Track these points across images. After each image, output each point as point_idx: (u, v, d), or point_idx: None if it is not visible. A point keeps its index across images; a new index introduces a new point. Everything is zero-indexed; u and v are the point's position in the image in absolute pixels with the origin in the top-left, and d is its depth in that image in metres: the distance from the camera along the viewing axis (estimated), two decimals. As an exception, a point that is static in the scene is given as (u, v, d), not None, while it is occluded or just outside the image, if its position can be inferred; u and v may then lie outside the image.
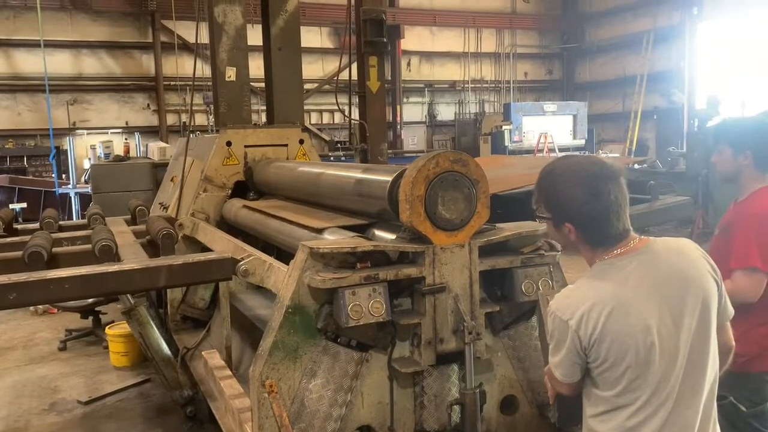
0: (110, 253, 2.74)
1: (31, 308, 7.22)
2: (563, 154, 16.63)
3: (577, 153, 13.15)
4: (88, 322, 6.12)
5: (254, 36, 5.49)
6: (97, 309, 5.96)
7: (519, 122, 17.69)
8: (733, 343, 2.05)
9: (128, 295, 3.51)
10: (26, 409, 4.58)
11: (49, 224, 3.68)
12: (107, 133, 16.47)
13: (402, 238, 2.73)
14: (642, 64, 18.91)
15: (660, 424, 1.79)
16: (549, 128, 17.65)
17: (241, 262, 2.83)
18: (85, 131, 16.62)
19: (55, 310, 7.04)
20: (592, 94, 21.44)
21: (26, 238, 3.55)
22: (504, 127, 17.22)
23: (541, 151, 16.83)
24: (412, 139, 20.61)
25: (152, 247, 3.24)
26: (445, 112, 21.71)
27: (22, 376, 5.27)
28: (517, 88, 22.27)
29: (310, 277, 2.53)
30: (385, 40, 6.66)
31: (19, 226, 4.20)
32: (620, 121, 19.77)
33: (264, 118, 6.55)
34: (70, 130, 16.29)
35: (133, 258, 2.79)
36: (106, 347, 5.65)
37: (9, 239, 3.50)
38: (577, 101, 19.86)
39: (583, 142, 18.22)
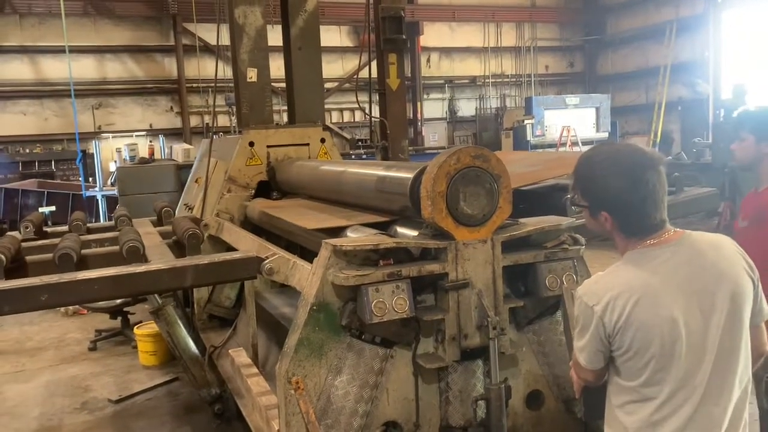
0: (138, 254, 2.79)
1: (62, 309, 7.37)
2: (586, 147, 16.52)
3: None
4: (117, 323, 6.22)
5: (274, 37, 5.54)
6: (125, 309, 6.06)
7: (541, 116, 17.53)
8: (767, 348, 1.98)
9: (156, 295, 3.57)
10: (59, 408, 4.69)
11: (77, 227, 3.76)
12: (132, 136, 16.69)
13: (424, 235, 2.74)
14: (665, 54, 18.64)
15: (685, 419, 1.78)
16: (571, 121, 17.46)
17: (266, 261, 2.86)
18: (111, 135, 16.86)
19: (85, 311, 7.17)
20: (614, 86, 21.17)
21: (56, 240, 3.63)
22: (526, 122, 17.08)
23: (564, 144, 16.68)
24: (433, 136, 20.55)
25: (178, 248, 3.29)
26: (466, 107, 21.62)
27: (55, 375, 5.39)
28: (538, 82, 22.10)
29: (333, 275, 2.55)
30: (404, 37, 6.66)
31: (48, 229, 4.29)
32: (644, 112, 19.51)
33: (285, 118, 6.60)
34: (96, 134, 16.56)
35: (159, 258, 2.84)
36: (135, 347, 5.75)
37: (39, 242, 3.58)
38: (600, 93, 19.63)
39: (606, 135, 18.00)
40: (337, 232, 3.26)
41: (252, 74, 5.01)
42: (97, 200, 11.30)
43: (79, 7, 16.44)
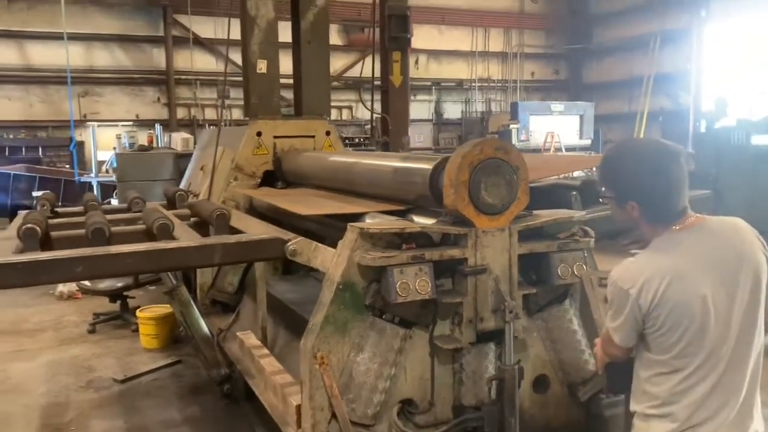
0: (168, 231, 2.88)
1: (56, 293, 7.38)
2: (569, 153, 16.80)
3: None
4: (115, 307, 6.26)
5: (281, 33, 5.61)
6: (125, 294, 6.10)
7: (526, 121, 17.83)
8: None
9: (171, 276, 3.65)
10: (64, 386, 4.73)
11: (92, 206, 3.82)
12: (117, 125, 16.59)
13: (444, 222, 2.87)
14: (649, 65, 19.03)
15: (711, 386, 1.94)
16: (556, 128, 17.78)
17: (290, 243, 2.96)
18: (96, 123, 16.76)
19: (80, 295, 7.19)
20: (598, 94, 21.54)
21: (75, 219, 3.69)
22: (511, 126, 17.36)
23: (548, 150, 16.96)
24: (419, 137, 20.71)
25: (198, 229, 3.37)
26: (452, 110, 21.85)
27: (56, 356, 5.42)
28: (524, 88, 22.39)
29: (360, 256, 2.67)
30: (409, 35, 6.80)
31: (59, 209, 4.34)
32: (627, 121, 19.88)
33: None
34: (81, 122, 16.44)
35: (187, 237, 2.93)
36: (135, 330, 5.80)
37: (61, 219, 3.64)
38: (584, 101, 20.00)
39: (589, 142, 18.35)
40: (353, 218, 3.37)
41: (262, 66, 5.10)
42: (91, 186, 11.27)
43: (69, -6, 16.32)
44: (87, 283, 6.07)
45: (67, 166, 14.87)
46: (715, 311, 1.92)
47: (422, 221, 3.13)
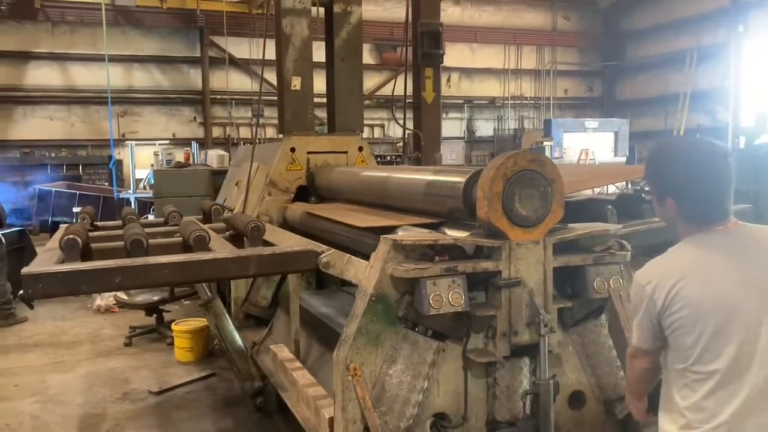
0: (204, 243, 2.92)
1: (93, 307, 7.53)
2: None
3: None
4: (151, 320, 6.35)
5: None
6: (161, 307, 6.19)
7: (560, 138, 17.74)
8: None
9: (206, 288, 3.69)
10: (101, 397, 4.82)
11: (131, 220, 3.90)
12: (155, 144, 16.98)
13: (477, 234, 2.86)
14: (685, 82, 18.79)
15: (740, 403, 1.80)
16: (590, 144, 17.65)
17: (322, 255, 2.98)
18: (134, 142, 17.18)
19: (117, 309, 7.32)
20: (633, 111, 21.32)
21: (114, 232, 3.78)
22: (545, 143, 17.26)
23: (582, 167, 16.80)
24: (451, 155, 20.72)
25: (233, 242, 3.42)
26: (484, 128, 21.85)
27: (93, 368, 5.52)
28: (557, 105, 22.30)
29: (392, 268, 2.67)
30: (442, 52, 6.86)
31: (99, 223, 4.45)
32: (662, 138, 19.59)
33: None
34: (120, 141, 16.86)
35: (222, 248, 2.97)
36: (170, 344, 5.87)
37: (101, 232, 3.73)
38: (618, 118, 19.80)
39: (624, 159, 18.12)
40: (386, 231, 3.38)
41: (296, 83, 5.18)
42: (130, 202, 11.56)
43: (110, 17, 16.83)
44: (124, 296, 6.18)
45: (106, 183, 15.25)
46: (741, 317, 1.80)
47: (455, 234, 3.12)
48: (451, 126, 21.06)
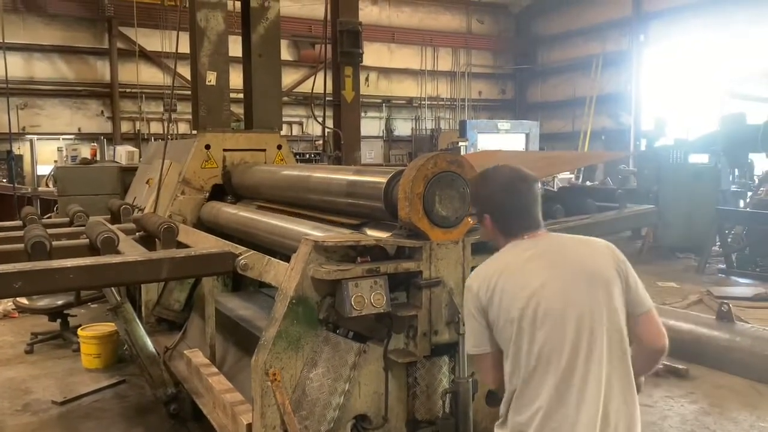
0: (112, 245, 2.77)
1: (-10, 313, 7.01)
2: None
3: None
4: (55, 326, 5.98)
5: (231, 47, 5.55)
6: (65, 312, 5.84)
7: (474, 139, 18.16)
8: (661, 341, 2.10)
9: (115, 292, 3.52)
10: (-1, 410, 4.49)
11: (32, 221, 3.66)
12: (59, 139, 16.07)
13: (398, 235, 2.86)
14: (591, 86, 19.65)
15: (549, 395, 1.96)
16: (503, 145, 18.14)
17: (241, 257, 2.90)
18: (36, 136, 16.19)
19: (16, 314, 6.85)
20: (543, 114, 22.11)
21: (12, 233, 3.53)
22: (460, 144, 17.61)
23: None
24: (370, 153, 20.79)
25: (144, 243, 3.27)
26: (402, 127, 22.04)
27: (-10, 378, 5.13)
28: (472, 106, 22.79)
29: (314, 269, 2.63)
30: (361, 51, 6.85)
31: (-4, 224, 4.14)
32: (570, 140, 20.44)
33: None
34: (20, 135, 15.83)
35: (132, 251, 2.83)
36: (76, 350, 5.54)
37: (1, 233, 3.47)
38: (529, 120, 20.50)
39: (535, 159, 18.76)
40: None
41: (211, 78, 5.03)
42: (29, 200, 10.84)
43: (8, 2, 15.77)
44: (24, 300, 5.79)
45: (5, 180, 14.27)
46: (545, 303, 1.98)
47: (377, 234, 3.11)
48: (370, 125, 21.10)
